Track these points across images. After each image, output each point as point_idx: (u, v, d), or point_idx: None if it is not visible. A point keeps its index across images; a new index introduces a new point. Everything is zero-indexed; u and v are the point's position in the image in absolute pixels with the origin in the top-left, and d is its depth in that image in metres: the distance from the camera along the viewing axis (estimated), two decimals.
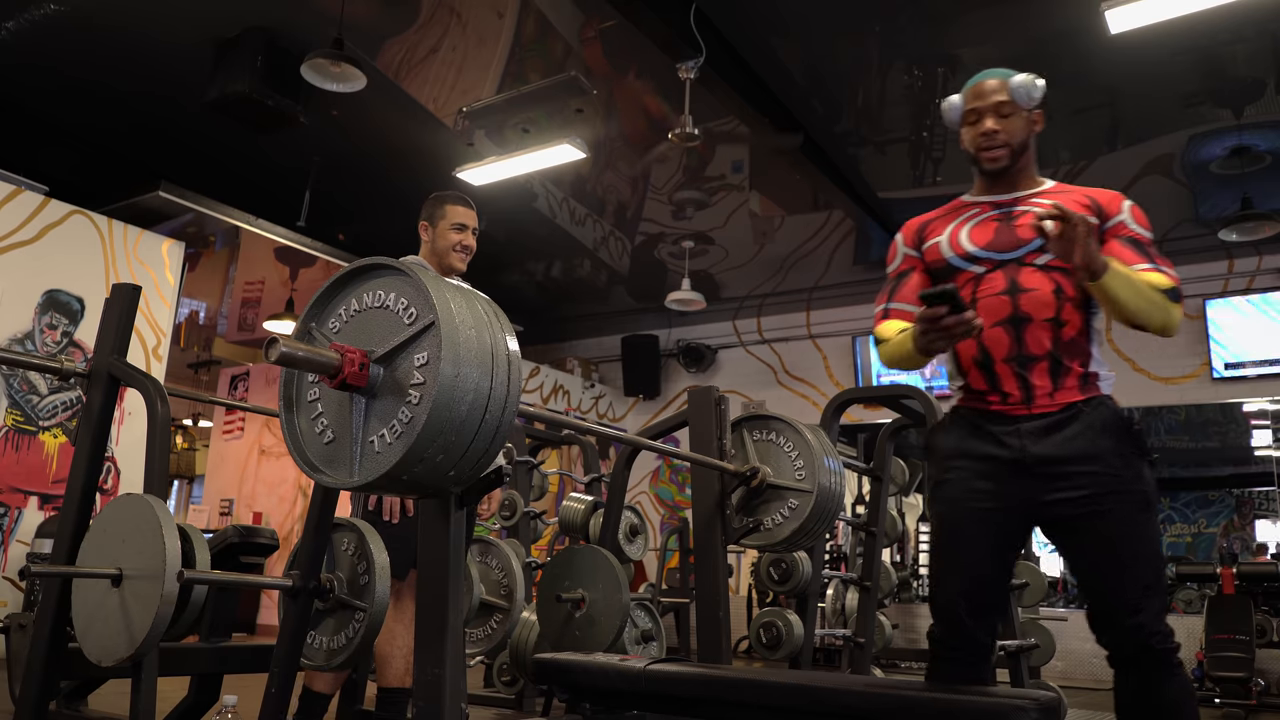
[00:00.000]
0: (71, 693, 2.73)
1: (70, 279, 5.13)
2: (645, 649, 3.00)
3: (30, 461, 4.86)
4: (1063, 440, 1.74)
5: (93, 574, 1.93)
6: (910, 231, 2.01)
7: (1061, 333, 1.78)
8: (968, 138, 1.91)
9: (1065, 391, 1.77)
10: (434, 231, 2.68)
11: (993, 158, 1.86)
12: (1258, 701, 4.99)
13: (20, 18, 4.67)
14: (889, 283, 2.02)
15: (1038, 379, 1.78)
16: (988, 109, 1.86)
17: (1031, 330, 1.78)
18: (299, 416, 1.47)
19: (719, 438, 2.95)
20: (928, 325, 1.67)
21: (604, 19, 4.63)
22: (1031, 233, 1.78)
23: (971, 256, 1.87)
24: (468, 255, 2.70)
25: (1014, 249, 1.83)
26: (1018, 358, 1.79)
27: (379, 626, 2.06)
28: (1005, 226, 1.86)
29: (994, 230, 1.86)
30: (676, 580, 6.77)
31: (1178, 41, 4.44)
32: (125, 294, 2.39)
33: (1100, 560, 1.75)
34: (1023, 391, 1.79)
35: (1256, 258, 6.69)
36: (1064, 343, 1.78)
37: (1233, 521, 10.77)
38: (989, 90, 1.87)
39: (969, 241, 1.88)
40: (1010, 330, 1.79)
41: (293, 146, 5.70)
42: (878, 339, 1.95)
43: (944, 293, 1.62)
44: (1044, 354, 1.78)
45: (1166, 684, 1.71)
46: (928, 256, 1.95)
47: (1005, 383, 1.80)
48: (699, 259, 7.65)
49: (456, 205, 2.71)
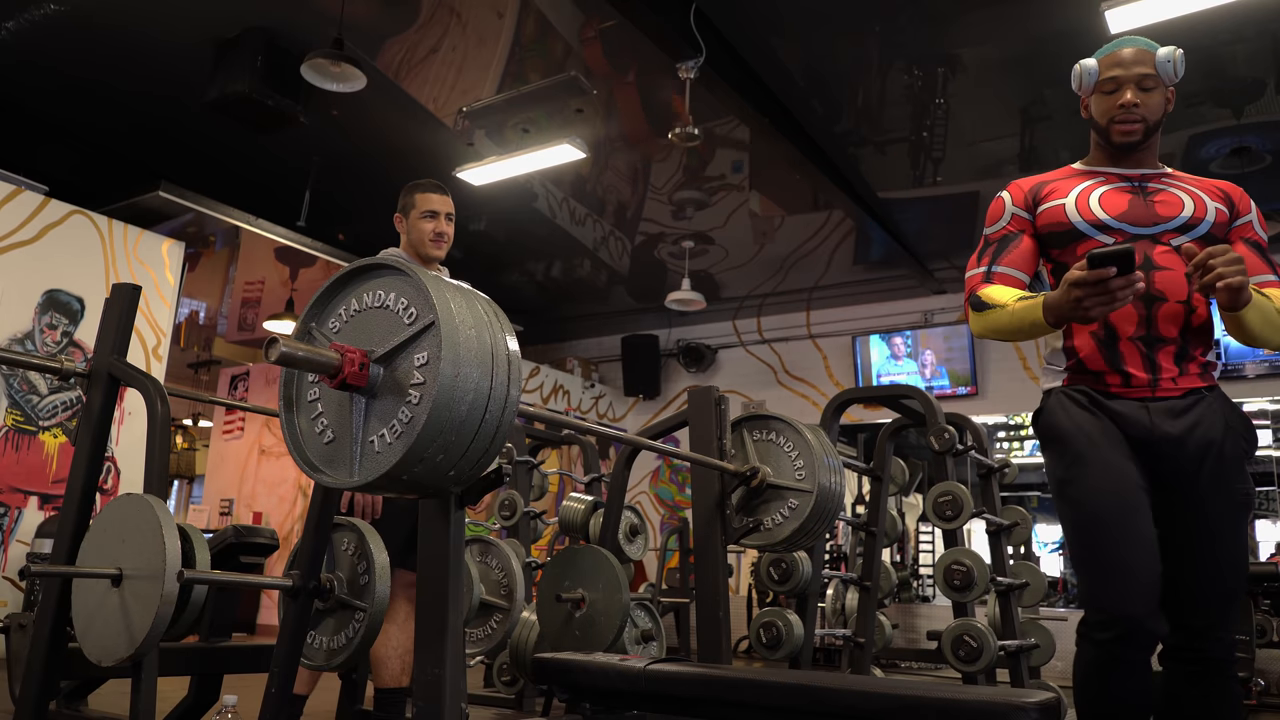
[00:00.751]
0: (71, 693, 2.73)
1: (70, 279, 5.13)
2: (645, 649, 3.00)
3: (30, 461, 4.86)
4: (1188, 425, 1.66)
5: (93, 574, 1.93)
6: (1022, 191, 1.87)
7: (1192, 318, 1.69)
8: (1100, 107, 1.78)
9: (1188, 378, 1.69)
10: (407, 223, 2.64)
11: (1128, 131, 1.75)
12: (1258, 701, 5.00)
13: (20, 17, 4.67)
14: (990, 245, 1.87)
15: (1164, 361, 1.69)
16: (1129, 80, 1.74)
17: (1164, 311, 1.68)
18: (299, 416, 1.47)
19: (719, 438, 2.95)
20: (1091, 289, 1.52)
21: (604, 19, 4.63)
22: (1172, 210, 1.72)
23: (1103, 225, 1.74)
24: (444, 242, 2.64)
25: (1151, 224, 1.73)
26: (1146, 337, 1.69)
27: (379, 626, 2.06)
28: (1141, 200, 1.75)
29: (1128, 202, 1.75)
30: (676, 580, 6.77)
31: (1178, 41, 4.37)
32: (125, 294, 2.39)
33: (1194, 555, 1.66)
34: (1149, 374, 1.69)
35: None
36: (1194, 328, 1.70)
37: None
38: (1131, 60, 1.76)
39: (1101, 208, 1.76)
40: (1141, 308, 1.68)
41: (293, 146, 5.70)
42: (980, 302, 1.78)
43: (1120, 253, 1.49)
44: (1173, 337, 1.69)
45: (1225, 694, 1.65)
46: (1043, 219, 1.81)
47: (1129, 362, 1.69)
48: (699, 259, 7.65)
49: (427, 193, 2.64)
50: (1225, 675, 1.65)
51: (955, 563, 3.70)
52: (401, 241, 2.67)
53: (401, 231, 2.67)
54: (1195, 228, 1.73)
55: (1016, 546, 4.93)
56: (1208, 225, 1.73)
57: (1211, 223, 1.73)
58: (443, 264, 2.71)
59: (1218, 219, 1.74)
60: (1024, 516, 4.92)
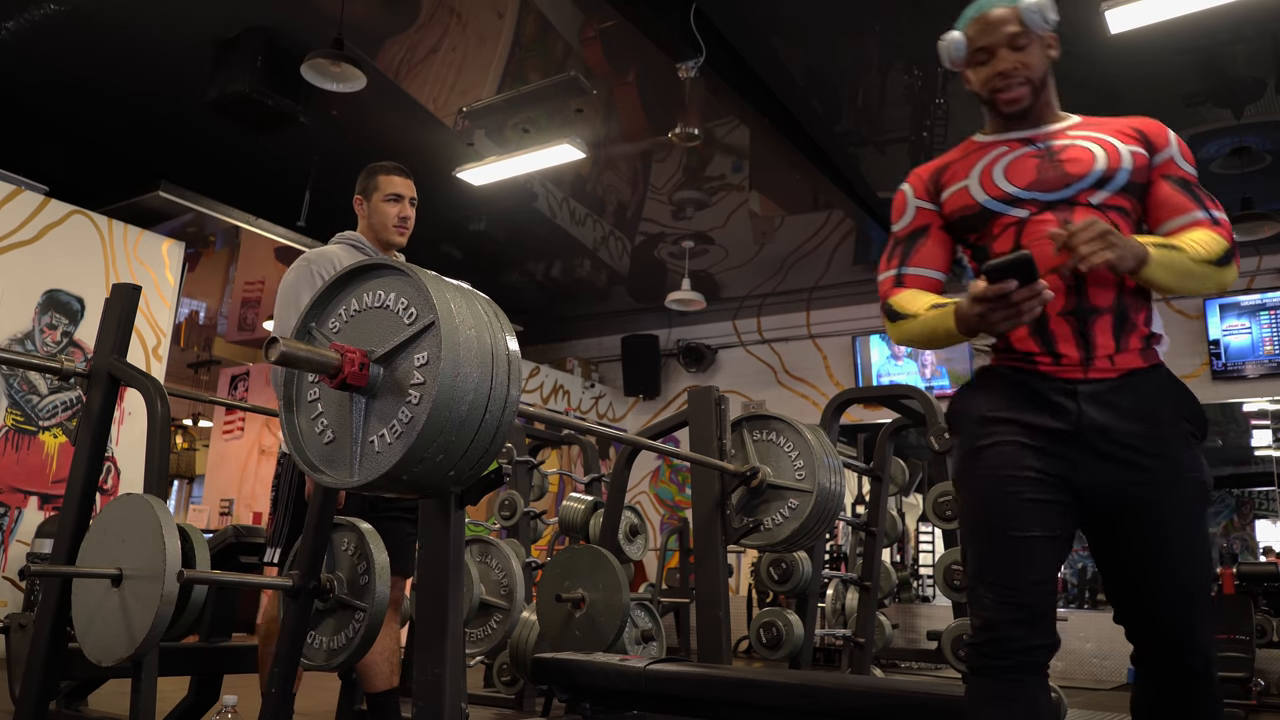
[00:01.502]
0: (71, 693, 2.73)
1: (70, 279, 5.13)
2: (645, 649, 3.00)
3: (30, 461, 4.86)
4: (1122, 411, 1.49)
5: (93, 574, 1.93)
6: (922, 180, 1.72)
7: (1125, 280, 1.52)
8: (978, 78, 1.65)
9: (1127, 355, 1.52)
10: (369, 206, 2.52)
11: (1013, 99, 1.61)
12: (1258, 701, 5.00)
13: (20, 17, 4.67)
14: (898, 244, 1.71)
15: (1101, 336, 1.52)
16: (1000, 43, 1.60)
17: (1093, 277, 1.51)
18: (299, 416, 1.47)
19: (719, 438, 2.95)
20: (993, 304, 1.41)
21: (604, 19, 4.63)
22: (1084, 166, 1.56)
23: (1013, 198, 1.59)
24: (407, 228, 2.53)
25: (1063, 187, 1.57)
26: (1078, 310, 1.52)
27: (379, 626, 2.05)
28: (1049, 163, 1.59)
29: (1036, 168, 1.60)
30: (676, 580, 6.77)
31: (1178, 41, 4.44)
32: (125, 294, 2.39)
33: (1147, 556, 1.50)
34: (1082, 351, 1.51)
35: (1256, 258, 6.69)
36: (1129, 290, 1.53)
37: (1233, 521, 10.77)
38: (998, 21, 1.61)
39: (1007, 181, 1.60)
40: (1069, 278, 1.52)
41: (293, 146, 5.70)
42: (893, 311, 1.65)
43: (1017, 262, 1.37)
44: (1108, 305, 1.52)
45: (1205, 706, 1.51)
46: (949, 206, 1.67)
47: (1060, 341, 1.52)
48: (699, 259, 7.65)
49: (391, 175, 2.53)
50: (1205, 684, 1.50)
51: (955, 563, 3.70)
52: (360, 225, 2.56)
53: (361, 215, 2.55)
54: (1112, 180, 1.57)
55: None
56: (1125, 174, 1.56)
57: (1129, 170, 1.57)
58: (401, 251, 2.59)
59: (1135, 164, 1.57)
60: None
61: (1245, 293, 6.74)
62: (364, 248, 2.50)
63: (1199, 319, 6.79)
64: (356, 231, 2.55)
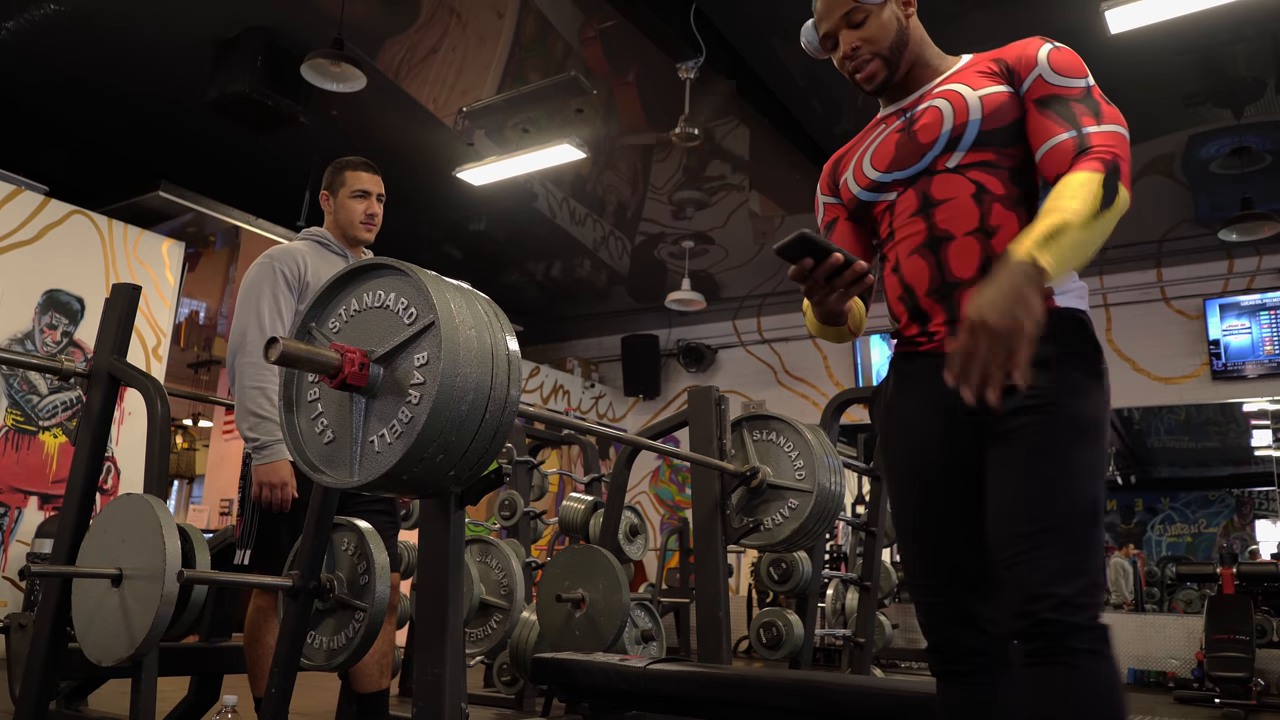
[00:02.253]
0: (71, 693, 2.73)
1: (70, 279, 5.13)
2: (645, 649, 3.00)
3: (30, 461, 4.86)
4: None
5: (93, 574, 1.93)
6: (825, 174, 1.65)
7: (992, 244, 1.38)
8: (838, 65, 1.55)
9: None
10: (335, 202, 2.48)
11: (867, 78, 1.51)
12: (1258, 701, 5.00)
13: (20, 17, 4.67)
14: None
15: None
16: (835, 27, 1.51)
17: (953, 250, 1.40)
18: (299, 416, 1.47)
19: (719, 438, 2.95)
20: (806, 284, 1.35)
21: (604, 19, 4.63)
22: (933, 132, 1.44)
23: (878, 185, 1.51)
24: (375, 225, 2.49)
25: (918, 159, 1.46)
26: (941, 287, 1.41)
27: (379, 626, 2.05)
28: (906, 136, 1.48)
29: (895, 145, 1.50)
30: (676, 580, 6.77)
31: (1178, 41, 4.45)
32: (125, 294, 2.39)
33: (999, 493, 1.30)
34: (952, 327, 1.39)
35: (1256, 258, 6.69)
36: (998, 256, 1.36)
37: (1233, 521, 10.76)
38: (830, 3, 1.51)
39: (872, 167, 1.52)
40: (929, 256, 1.42)
41: (293, 146, 5.70)
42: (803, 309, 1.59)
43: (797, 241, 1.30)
44: (972, 276, 1.37)
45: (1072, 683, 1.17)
46: (844, 197, 1.60)
47: (933, 318, 1.42)
48: (699, 259, 7.66)
49: (358, 171, 2.48)
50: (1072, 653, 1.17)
51: None
52: (326, 221, 2.53)
53: (327, 211, 2.51)
54: (961, 138, 1.42)
55: None
56: (975, 126, 1.41)
57: (979, 119, 1.41)
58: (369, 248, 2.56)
59: (989, 108, 1.41)
60: None
61: (1245, 293, 6.74)
62: (330, 244, 2.47)
63: (1199, 319, 6.79)
64: (323, 228, 2.52)
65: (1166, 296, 6.98)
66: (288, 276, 2.34)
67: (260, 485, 2.23)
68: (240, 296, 2.37)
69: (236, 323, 2.33)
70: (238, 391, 2.28)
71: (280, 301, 2.31)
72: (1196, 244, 6.67)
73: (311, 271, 2.37)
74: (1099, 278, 7.16)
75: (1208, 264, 6.84)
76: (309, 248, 2.44)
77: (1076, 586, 1.19)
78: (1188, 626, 6.11)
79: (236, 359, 2.29)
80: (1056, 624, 1.17)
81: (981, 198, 1.40)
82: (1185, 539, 10.92)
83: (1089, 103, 1.37)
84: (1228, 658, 5.05)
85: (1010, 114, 1.41)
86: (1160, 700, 5.41)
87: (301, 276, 2.35)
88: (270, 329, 2.27)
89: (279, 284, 2.32)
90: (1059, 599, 1.18)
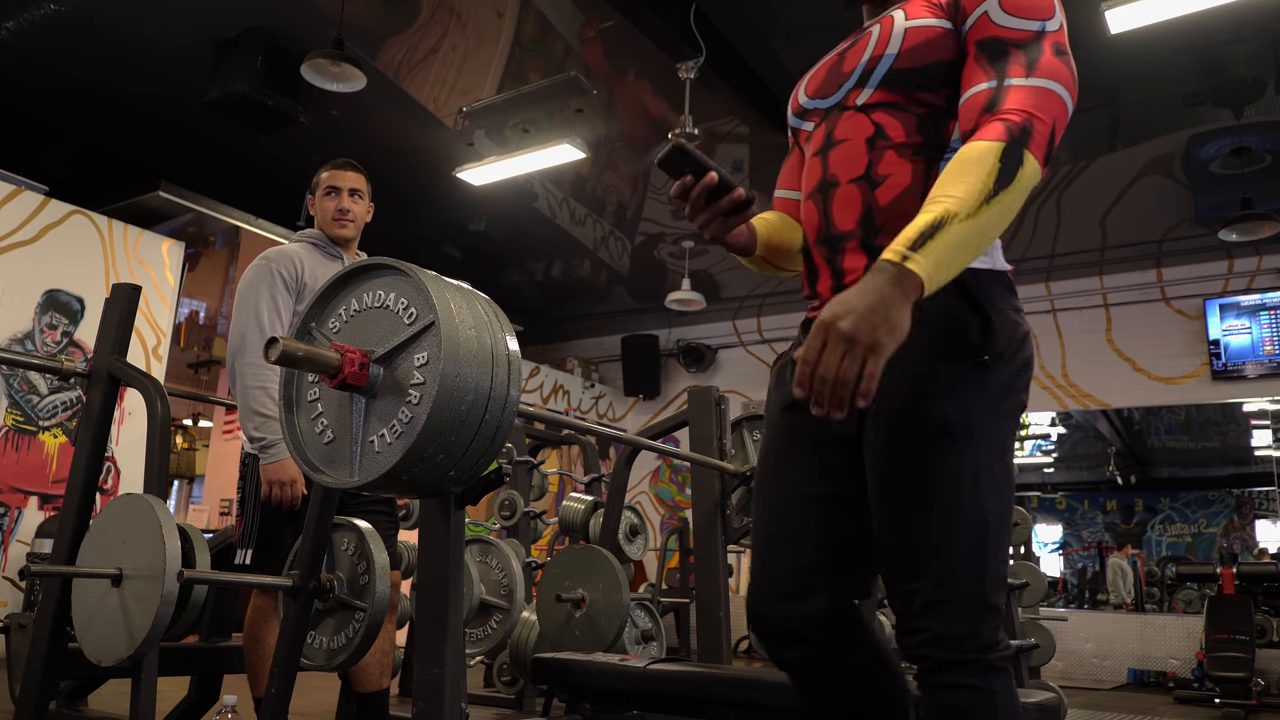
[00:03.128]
0: (71, 693, 2.73)
1: (70, 279, 5.13)
2: (645, 649, 3.00)
3: (30, 461, 4.86)
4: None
5: (93, 574, 1.93)
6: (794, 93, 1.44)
7: (876, 195, 1.20)
8: None
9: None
10: (315, 203, 2.52)
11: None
12: (1258, 701, 5.00)
13: (20, 17, 4.67)
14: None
15: (851, 264, 1.21)
16: None
17: (838, 197, 1.23)
18: (299, 416, 1.47)
19: (719, 438, 2.95)
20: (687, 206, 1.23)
21: (604, 19, 4.63)
22: (854, 61, 1.27)
23: (802, 111, 1.36)
24: (349, 220, 2.49)
25: (837, 89, 1.29)
26: (827, 238, 1.25)
27: (379, 626, 2.05)
28: (838, 61, 1.32)
29: (826, 70, 1.33)
30: (676, 580, 6.78)
31: (1178, 41, 4.44)
32: (125, 294, 2.39)
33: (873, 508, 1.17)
34: (834, 281, 1.24)
35: (1256, 258, 6.69)
36: (880, 209, 1.19)
37: (1233, 521, 10.77)
38: None
39: (804, 92, 1.37)
40: (819, 201, 1.26)
41: (293, 146, 5.70)
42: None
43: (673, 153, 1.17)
44: (850, 230, 1.21)
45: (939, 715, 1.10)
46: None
47: (820, 277, 1.26)
48: (699, 259, 7.66)
49: (331, 169, 2.52)
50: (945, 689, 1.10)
51: None
52: (315, 224, 2.58)
53: (313, 213, 2.57)
54: (872, 74, 1.24)
55: (1016, 546, 4.94)
56: (887, 63, 1.22)
57: (894, 55, 1.21)
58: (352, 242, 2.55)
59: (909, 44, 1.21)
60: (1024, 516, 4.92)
61: (1245, 293, 6.74)
62: (323, 245, 2.51)
63: (1199, 319, 6.80)
64: (314, 229, 2.56)
65: (1166, 296, 6.98)
66: (285, 277, 2.35)
67: (269, 484, 2.24)
68: (238, 299, 2.38)
69: (235, 325, 2.34)
70: (240, 392, 2.29)
71: (278, 302, 2.32)
72: (1196, 244, 6.67)
73: (309, 272, 2.39)
74: (1099, 278, 7.16)
75: (1208, 264, 6.84)
76: (305, 249, 2.46)
77: (951, 618, 1.10)
78: (1188, 626, 6.12)
79: (237, 360, 2.30)
80: (928, 660, 1.11)
81: (875, 142, 1.21)
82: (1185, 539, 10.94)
83: (1031, 50, 1.14)
84: (1228, 658, 5.05)
85: (936, 53, 1.20)
86: (1160, 700, 5.41)
87: (299, 277, 2.37)
88: (269, 329, 2.28)
89: (276, 285, 2.34)
90: (930, 634, 1.11)
